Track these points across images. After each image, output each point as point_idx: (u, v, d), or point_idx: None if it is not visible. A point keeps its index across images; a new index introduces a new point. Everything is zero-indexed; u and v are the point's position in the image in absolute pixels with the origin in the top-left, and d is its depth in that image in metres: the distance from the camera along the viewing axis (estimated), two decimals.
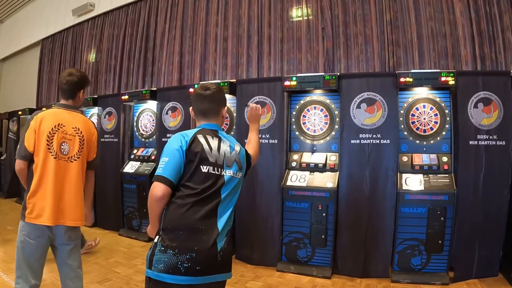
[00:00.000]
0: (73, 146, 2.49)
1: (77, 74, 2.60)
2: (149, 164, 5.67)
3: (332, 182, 4.14)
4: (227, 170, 1.89)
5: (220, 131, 2.02)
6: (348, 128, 4.21)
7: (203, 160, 1.83)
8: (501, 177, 3.77)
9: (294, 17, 5.50)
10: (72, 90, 2.58)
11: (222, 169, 1.87)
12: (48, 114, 2.48)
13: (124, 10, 7.60)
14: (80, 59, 8.69)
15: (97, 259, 4.60)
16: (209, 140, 1.90)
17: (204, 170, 1.82)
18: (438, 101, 4.16)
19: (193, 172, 1.81)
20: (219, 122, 2.05)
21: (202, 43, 6.27)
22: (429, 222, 3.83)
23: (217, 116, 2.04)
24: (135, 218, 5.66)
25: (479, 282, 3.75)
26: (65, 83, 2.55)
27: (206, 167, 1.83)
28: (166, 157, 1.82)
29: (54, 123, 2.45)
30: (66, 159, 2.46)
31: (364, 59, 4.98)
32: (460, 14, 4.55)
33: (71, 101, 2.60)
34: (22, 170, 2.44)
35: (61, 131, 2.45)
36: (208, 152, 1.85)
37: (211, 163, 1.84)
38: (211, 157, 1.85)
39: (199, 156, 1.83)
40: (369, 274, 4.03)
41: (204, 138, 1.89)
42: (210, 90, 2.00)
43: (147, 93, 5.66)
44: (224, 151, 1.92)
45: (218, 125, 2.04)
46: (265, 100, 4.62)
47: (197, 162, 1.82)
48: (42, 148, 2.38)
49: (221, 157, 1.89)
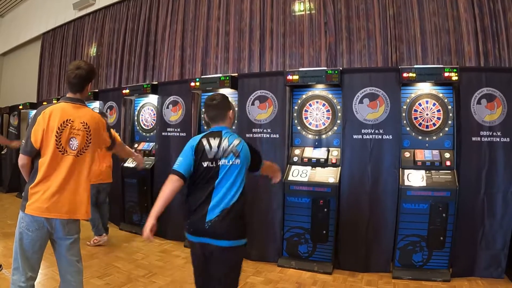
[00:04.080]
0: (81, 141, 2.48)
1: (85, 67, 2.54)
2: (150, 158, 5.65)
3: (334, 177, 4.13)
4: (223, 160, 2.38)
5: (225, 131, 2.49)
6: (350, 123, 4.18)
7: (203, 158, 2.38)
8: (505, 174, 3.74)
9: (297, 11, 5.46)
10: (80, 84, 2.54)
11: (219, 160, 2.38)
12: (56, 110, 2.44)
13: (125, 4, 7.56)
14: (81, 53, 8.65)
15: (97, 253, 4.60)
16: (211, 141, 2.43)
17: (204, 165, 2.37)
18: (441, 96, 4.13)
19: (198, 167, 2.37)
20: (225, 123, 2.55)
21: (203, 37, 6.23)
22: (431, 218, 3.82)
23: (223, 120, 2.55)
24: (135, 212, 5.65)
25: (481, 280, 3.74)
26: (74, 77, 2.51)
27: (206, 162, 2.37)
28: (181, 157, 2.40)
29: (62, 118, 2.42)
30: (74, 154, 2.45)
31: (366, 54, 4.95)
32: (464, 10, 4.52)
33: (78, 94, 2.56)
34: (25, 165, 2.42)
35: (69, 127, 2.43)
36: (208, 151, 2.39)
37: (209, 159, 2.38)
38: (210, 154, 2.39)
39: (200, 155, 2.38)
40: (370, 269, 4.03)
41: (207, 140, 2.44)
42: (215, 100, 2.54)
43: (148, 87, 5.64)
44: (223, 147, 2.41)
45: (224, 126, 2.54)
46: (266, 94, 4.60)
47: (200, 159, 2.37)
48: (50, 144, 2.37)
49: (220, 152, 2.39)
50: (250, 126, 4.62)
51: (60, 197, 2.38)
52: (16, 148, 7.12)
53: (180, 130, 5.32)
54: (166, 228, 5.19)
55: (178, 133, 5.33)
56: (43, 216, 2.34)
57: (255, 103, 4.63)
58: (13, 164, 8.72)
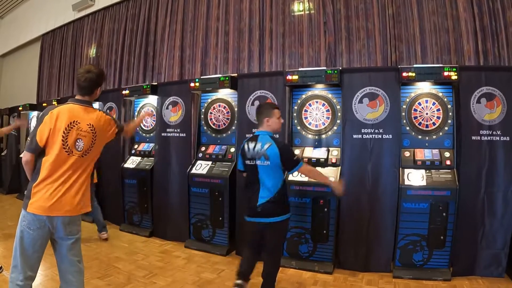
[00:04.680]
0: (87, 142, 2.52)
1: (95, 71, 2.62)
2: (150, 159, 5.65)
3: (334, 177, 4.12)
4: (257, 161, 3.10)
5: (262, 135, 3.17)
6: (350, 123, 4.19)
7: (245, 157, 3.20)
8: (505, 173, 3.75)
9: (296, 11, 5.46)
10: (90, 87, 2.61)
11: (256, 160, 3.10)
12: (63, 110, 2.48)
13: (124, 5, 7.56)
14: (80, 54, 8.65)
15: (97, 254, 4.60)
16: (249, 144, 3.20)
17: (247, 163, 3.19)
18: (441, 96, 4.13)
19: (244, 164, 3.24)
20: (264, 128, 3.22)
21: (203, 37, 6.23)
22: (431, 217, 3.82)
23: (261, 125, 3.23)
24: (136, 213, 5.64)
25: (481, 279, 3.74)
26: (84, 80, 2.58)
27: (247, 161, 3.18)
28: (237, 158, 3.41)
29: (69, 119, 2.46)
30: (79, 155, 2.49)
31: (366, 53, 4.95)
32: (463, 9, 4.51)
33: (87, 97, 2.63)
34: (29, 162, 2.45)
35: (76, 128, 2.47)
36: (247, 152, 3.19)
37: (248, 158, 3.17)
38: (248, 155, 3.17)
39: (244, 155, 3.22)
40: (371, 269, 4.03)
41: (247, 144, 3.22)
42: (258, 108, 3.34)
43: (148, 88, 5.63)
44: (257, 149, 3.11)
45: (263, 130, 3.21)
46: (266, 94, 4.60)
47: (244, 158, 3.23)
48: (56, 144, 2.40)
49: (254, 154, 3.12)
50: (250, 126, 4.62)
51: (63, 196, 2.40)
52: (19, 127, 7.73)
53: (180, 130, 5.32)
54: (166, 228, 5.20)
55: (178, 134, 5.33)
56: (45, 214, 2.35)
57: (255, 103, 4.63)
58: (13, 166, 8.73)
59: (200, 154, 5.11)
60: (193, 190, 4.90)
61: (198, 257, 4.57)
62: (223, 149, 5.01)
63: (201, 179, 4.83)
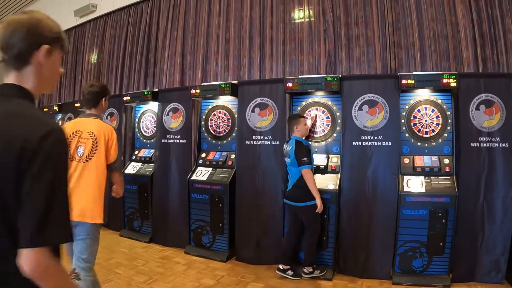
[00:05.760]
0: (87, 148, 2.73)
1: (97, 84, 2.96)
2: (150, 165, 5.68)
3: (333, 184, 4.15)
4: (286, 158, 4.11)
5: (291, 139, 4.07)
6: (349, 130, 4.21)
7: (284, 156, 4.16)
8: (505, 179, 3.76)
9: (296, 19, 5.49)
10: (94, 99, 2.90)
11: (285, 157, 4.11)
12: (70, 123, 2.89)
13: (126, 11, 7.60)
14: (82, 60, 8.69)
15: (98, 259, 4.56)
16: (284, 146, 4.18)
17: (285, 159, 4.15)
18: (440, 103, 4.16)
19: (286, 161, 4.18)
20: (294, 133, 4.09)
21: (204, 44, 6.26)
22: (430, 224, 3.83)
23: (292, 131, 4.14)
24: (136, 219, 5.66)
25: (481, 285, 3.75)
26: (88, 93, 2.89)
27: (284, 158, 4.15)
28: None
29: (72, 130, 2.76)
30: (80, 161, 2.71)
31: (365, 61, 4.97)
32: (462, 16, 4.54)
33: (93, 109, 2.92)
34: None
35: (78, 137, 2.75)
36: (284, 151, 4.17)
37: (284, 155, 4.14)
38: (284, 153, 4.13)
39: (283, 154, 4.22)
40: (370, 275, 4.03)
41: (285, 145, 4.17)
42: (289, 119, 4.32)
43: (149, 94, 5.67)
44: (286, 150, 4.10)
45: (293, 135, 4.08)
46: (267, 101, 4.63)
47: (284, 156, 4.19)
48: None
49: (285, 153, 4.13)
50: (251, 133, 4.65)
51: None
52: None
53: (180, 137, 5.35)
54: (166, 234, 5.21)
55: (178, 140, 5.35)
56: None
57: (255, 110, 4.66)
58: None
59: (200, 161, 5.13)
60: (193, 196, 4.92)
61: (198, 263, 4.58)
62: (224, 155, 5.03)
63: (201, 186, 4.85)
